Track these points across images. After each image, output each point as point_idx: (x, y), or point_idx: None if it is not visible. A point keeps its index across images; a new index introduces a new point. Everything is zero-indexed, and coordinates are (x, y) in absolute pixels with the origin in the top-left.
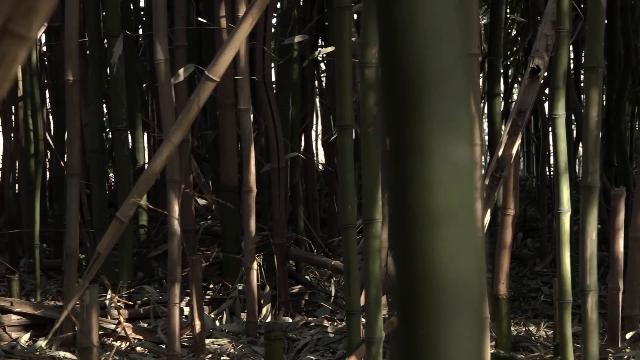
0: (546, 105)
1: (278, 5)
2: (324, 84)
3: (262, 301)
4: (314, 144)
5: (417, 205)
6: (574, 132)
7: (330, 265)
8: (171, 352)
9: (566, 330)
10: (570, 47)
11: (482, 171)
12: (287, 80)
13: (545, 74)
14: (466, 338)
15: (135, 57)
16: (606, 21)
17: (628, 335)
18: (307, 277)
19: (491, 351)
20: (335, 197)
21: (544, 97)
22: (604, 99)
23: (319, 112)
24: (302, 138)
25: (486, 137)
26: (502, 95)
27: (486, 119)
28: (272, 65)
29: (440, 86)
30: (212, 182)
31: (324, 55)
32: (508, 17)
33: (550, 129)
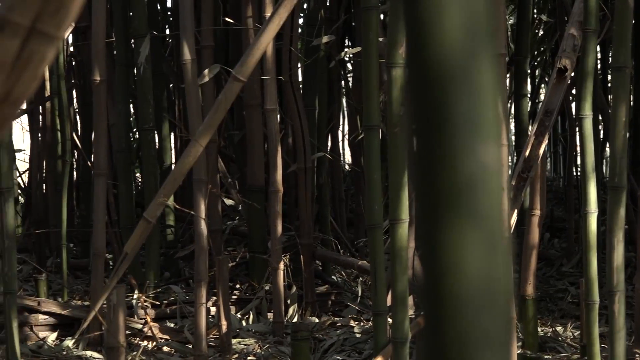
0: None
1: (305, 6)
2: (350, 84)
3: (289, 301)
4: (340, 144)
5: (444, 206)
6: (601, 132)
7: (357, 266)
8: (198, 352)
9: (593, 331)
10: (598, 47)
11: (509, 171)
12: (313, 80)
13: (572, 74)
14: (493, 339)
15: (162, 57)
16: (633, 21)
17: None
18: (334, 277)
19: (518, 352)
20: (361, 197)
21: (571, 98)
22: (631, 99)
23: (345, 112)
24: (329, 138)
25: (513, 138)
26: (529, 95)
27: (513, 120)
28: (299, 65)
29: (467, 86)
30: (239, 182)
31: (351, 55)
32: (535, 17)
33: (577, 129)
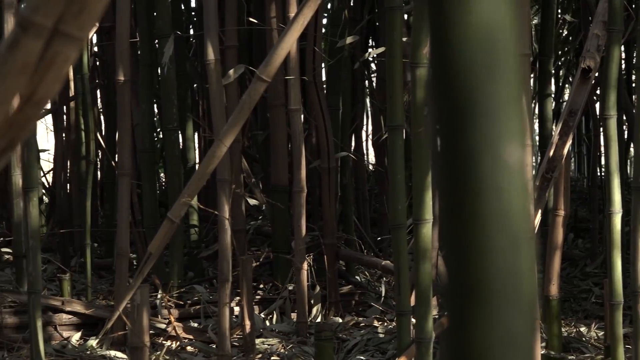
0: (597, 105)
1: (329, 6)
2: (374, 84)
3: (312, 301)
4: (364, 144)
5: (468, 206)
6: (625, 132)
7: (381, 266)
8: (221, 352)
9: (617, 332)
10: (622, 47)
11: (533, 172)
12: (337, 80)
13: (597, 74)
14: (517, 339)
15: (186, 57)
16: None
17: None
18: (357, 277)
19: (542, 352)
20: (385, 197)
21: (595, 98)
22: None
23: (369, 112)
24: (353, 138)
25: (537, 138)
26: (553, 95)
27: (537, 120)
28: (323, 65)
29: (491, 86)
30: (263, 182)
31: (375, 55)
32: (559, 17)
33: (602, 129)
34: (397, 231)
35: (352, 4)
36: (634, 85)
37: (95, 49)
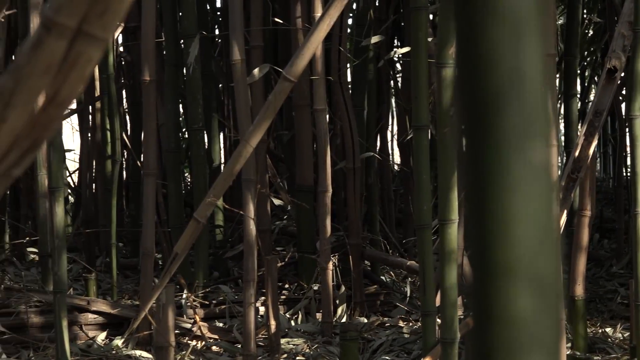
0: (623, 105)
1: (354, 6)
2: (399, 84)
3: (338, 301)
4: (389, 144)
5: (493, 206)
6: None
7: (406, 266)
8: (246, 352)
9: None
10: None
11: (559, 172)
12: (362, 80)
13: (622, 74)
14: (543, 339)
15: (211, 57)
16: None
17: None
18: (383, 277)
19: (567, 352)
20: (410, 198)
21: (620, 98)
22: None
23: (394, 112)
24: (378, 138)
25: (562, 138)
26: (578, 95)
27: (562, 120)
28: (348, 65)
29: (517, 86)
30: (288, 182)
31: (400, 55)
32: (585, 17)
33: (627, 129)
34: (422, 231)
35: (377, 4)
36: None
37: (121, 49)
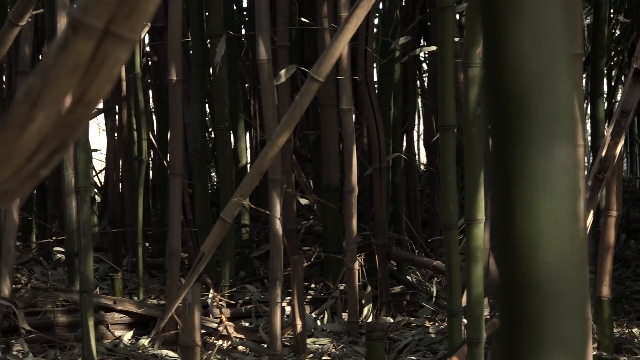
0: None
1: (380, 6)
2: (426, 84)
3: (364, 301)
4: (415, 144)
5: (519, 206)
6: None
7: (432, 266)
8: (272, 352)
9: None
10: None
11: (585, 172)
12: (389, 80)
13: None
14: (569, 340)
15: (237, 57)
16: None
17: None
18: (409, 277)
19: (594, 353)
20: (437, 198)
21: None
22: None
23: (420, 112)
24: (404, 138)
25: (589, 138)
26: (605, 95)
27: (589, 120)
28: (374, 65)
29: (544, 86)
30: (314, 182)
31: (426, 55)
32: (611, 17)
33: None
34: (448, 231)
35: (403, 4)
36: None
37: (148, 48)
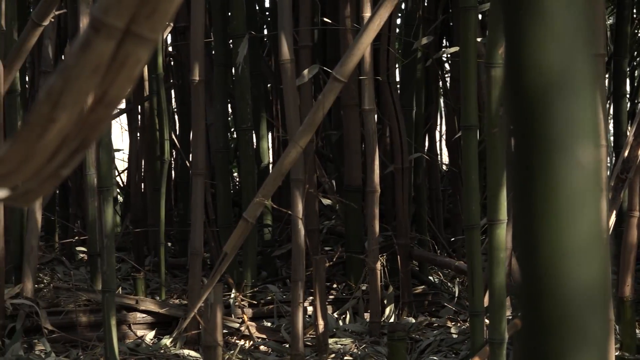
0: None
1: (403, 6)
2: (448, 84)
3: (386, 301)
4: (437, 144)
5: (541, 206)
6: None
7: (454, 266)
8: (294, 352)
9: None
10: None
11: (608, 172)
12: (411, 80)
13: None
14: (591, 340)
15: (260, 57)
16: None
17: None
18: (431, 277)
19: (616, 354)
20: (459, 198)
21: None
22: None
23: (443, 112)
24: (426, 138)
25: (612, 138)
26: (628, 96)
27: (612, 120)
28: (397, 65)
29: (566, 86)
30: (336, 182)
31: (449, 55)
32: (634, 16)
33: None
34: (470, 231)
35: (426, 4)
36: None
37: (170, 49)
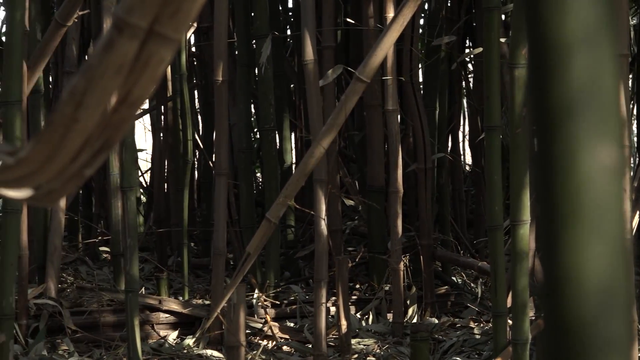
0: None
1: (426, 6)
2: (471, 85)
3: (408, 302)
4: (461, 144)
5: (564, 207)
6: None
7: (477, 267)
8: (317, 352)
9: None
10: None
11: (631, 173)
12: (434, 80)
13: None
14: (614, 342)
15: (283, 57)
16: None
17: None
18: (454, 278)
19: (639, 355)
20: (482, 198)
21: None
22: None
23: (466, 113)
24: (449, 139)
25: (635, 139)
26: None
27: (635, 121)
28: (420, 65)
29: (589, 87)
30: (359, 182)
31: (472, 55)
32: None
33: None
34: (493, 232)
35: (449, 5)
36: None
37: (193, 49)
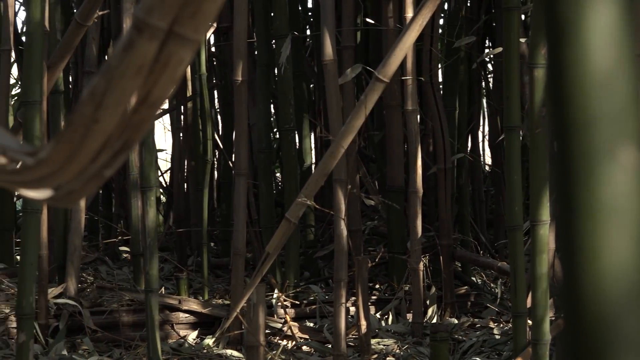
0: None
1: (445, 6)
2: (491, 85)
3: (428, 302)
4: (480, 144)
5: (584, 208)
6: None
7: (497, 267)
8: (337, 352)
9: None
10: None
11: None
12: (454, 80)
13: None
14: (635, 341)
15: (302, 57)
16: None
17: None
18: (473, 278)
19: None
20: (502, 198)
21: None
22: None
23: (485, 113)
24: (469, 139)
25: None
26: None
27: None
28: (439, 65)
29: (608, 87)
30: (379, 182)
31: (492, 56)
32: None
33: None
34: (513, 232)
35: (468, 4)
36: None
37: (213, 49)
